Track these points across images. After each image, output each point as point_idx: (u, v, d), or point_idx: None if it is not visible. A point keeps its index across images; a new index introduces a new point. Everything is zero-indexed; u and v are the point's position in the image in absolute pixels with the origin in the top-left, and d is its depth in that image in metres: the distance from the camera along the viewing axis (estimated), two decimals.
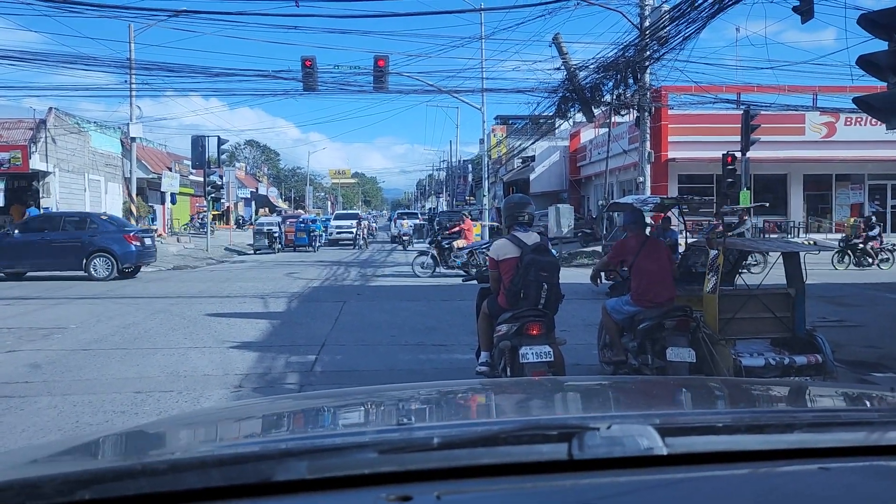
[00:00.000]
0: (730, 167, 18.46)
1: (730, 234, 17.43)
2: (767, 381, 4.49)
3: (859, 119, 26.26)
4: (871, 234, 19.07)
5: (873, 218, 20.92)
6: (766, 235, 26.34)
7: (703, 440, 1.15)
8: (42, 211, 23.83)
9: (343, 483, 1.00)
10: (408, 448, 1.09)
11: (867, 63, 6.17)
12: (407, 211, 51.32)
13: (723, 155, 18.61)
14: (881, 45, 6.24)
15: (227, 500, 0.97)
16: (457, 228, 17.32)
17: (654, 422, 1.14)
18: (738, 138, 18.55)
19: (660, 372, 5.37)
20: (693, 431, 1.18)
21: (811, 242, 19.82)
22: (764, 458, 1.11)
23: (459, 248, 16.47)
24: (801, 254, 5.68)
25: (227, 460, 1.06)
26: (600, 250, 16.97)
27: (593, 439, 1.06)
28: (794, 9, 11.06)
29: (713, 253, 5.70)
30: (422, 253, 17.18)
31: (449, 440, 1.11)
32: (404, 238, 30.87)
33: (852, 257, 18.53)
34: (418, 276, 16.32)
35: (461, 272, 16.05)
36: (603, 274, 6.46)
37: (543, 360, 4.86)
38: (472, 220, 18.82)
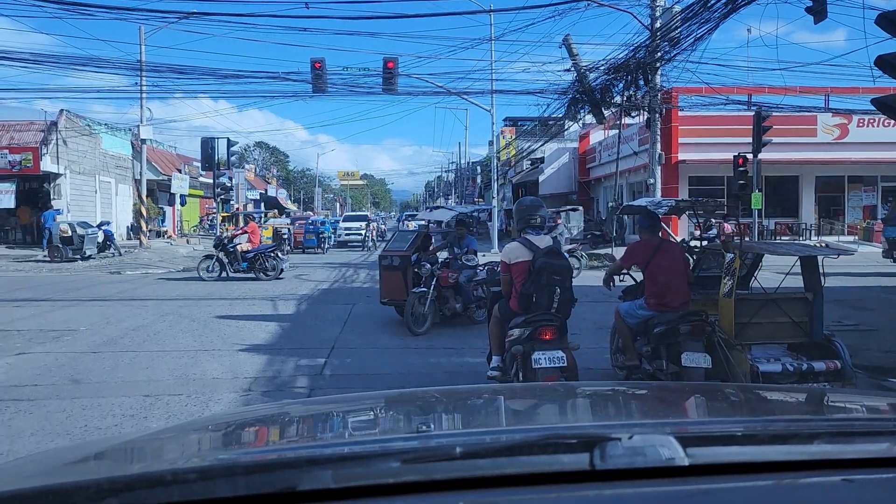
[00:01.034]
0: (741, 169, 18.31)
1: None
2: (787, 387, 4.41)
3: (872, 120, 26.04)
4: (707, 234, 19.01)
5: (711, 220, 20.84)
6: (778, 238, 26.17)
7: (724, 451, 1.14)
8: (55, 213, 23.90)
9: (367, 492, 1.00)
10: (431, 457, 1.09)
11: (886, 63, 6.07)
12: (413, 213, 54.36)
13: (734, 157, 18.47)
14: None
15: None
16: (240, 232, 17.11)
17: (675, 432, 1.13)
18: (750, 140, 18.39)
19: (674, 377, 5.28)
20: (715, 441, 1.18)
21: (823, 245, 19.67)
22: (786, 468, 1.10)
23: (244, 252, 16.26)
24: (819, 258, 5.59)
25: (253, 468, 1.07)
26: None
27: (615, 449, 1.06)
28: (808, 9, 10.92)
29: (729, 256, 5.61)
30: (207, 257, 16.85)
31: (471, 450, 1.10)
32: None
33: (691, 259, 18.51)
34: (203, 280, 15.96)
35: (248, 275, 16.11)
36: (616, 277, 6.38)
37: (556, 365, 4.79)
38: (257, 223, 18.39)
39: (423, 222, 37.37)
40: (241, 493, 0.99)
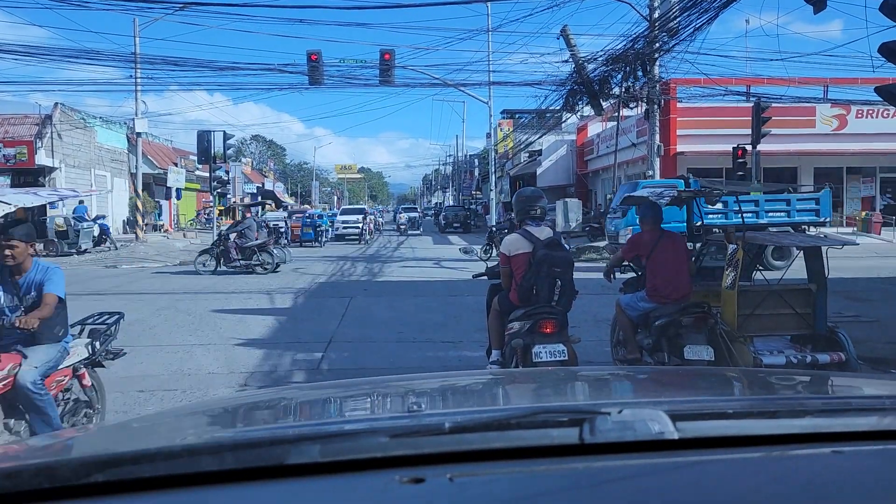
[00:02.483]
0: (740, 160, 18.23)
1: (226, 232, 16.90)
2: (778, 370, 4.36)
3: (871, 111, 25.96)
4: None
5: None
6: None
7: (714, 425, 1.15)
8: (85, 209, 23.68)
9: (356, 466, 1.00)
10: (419, 432, 1.10)
11: (890, 51, 5.98)
12: (408, 206, 59.04)
13: (733, 148, 18.38)
14: None
15: (241, 482, 0.98)
16: None
17: (665, 407, 1.14)
18: (748, 131, 18.29)
19: None
20: (704, 416, 1.19)
21: (822, 236, 19.62)
22: (776, 442, 1.11)
23: None
24: (823, 249, 5.51)
25: (241, 444, 1.08)
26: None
27: (604, 423, 1.06)
28: None
29: (732, 247, 5.53)
30: None
31: (460, 425, 1.10)
32: (401, 227, 37.25)
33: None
34: None
35: None
36: (616, 269, 6.30)
37: (557, 358, 4.71)
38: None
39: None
40: (229, 466, 0.99)
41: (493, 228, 21.87)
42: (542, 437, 1.07)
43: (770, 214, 16.29)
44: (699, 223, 7.04)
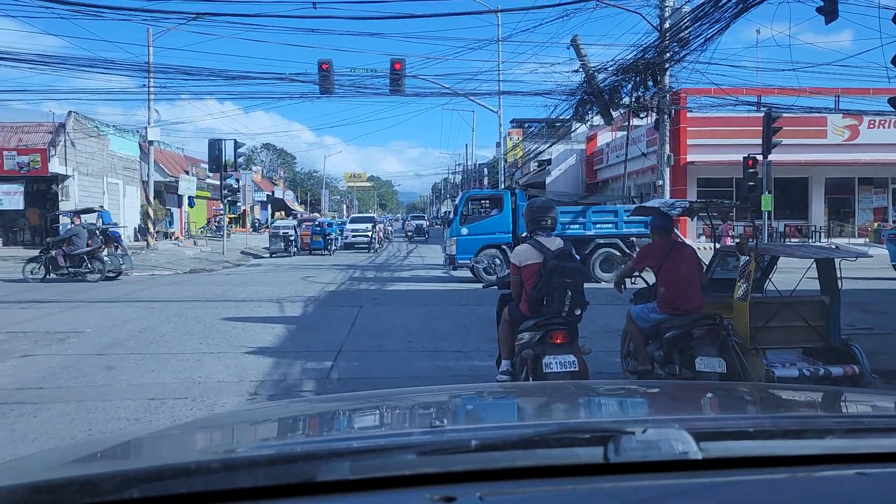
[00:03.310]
0: (751, 170, 18.16)
1: (54, 240, 16.61)
2: (801, 387, 4.32)
3: (883, 121, 25.85)
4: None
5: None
6: (788, 240, 25.96)
7: (738, 445, 1.15)
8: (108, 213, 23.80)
9: (385, 483, 1.01)
10: (447, 450, 1.11)
11: None
12: (416, 214, 61.76)
13: (744, 158, 18.33)
14: None
15: (271, 499, 0.98)
16: None
17: (689, 426, 1.14)
18: (758, 141, 18.24)
19: None
20: (728, 436, 1.19)
21: (833, 247, 19.51)
22: (799, 463, 1.10)
23: None
24: (837, 260, 5.47)
25: (274, 460, 1.09)
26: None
27: (629, 443, 1.07)
28: (818, 9, 10.80)
29: (744, 259, 5.50)
30: None
31: (486, 443, 1.12)
32: (408, 234, 42.11)
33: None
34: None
35: None
36: (627, 280, 6.27)
37: (567, 369, 4.69)
38: None
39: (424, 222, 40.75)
40: (262, 483, 1.00)
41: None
42: (568, 455, 1.08)
43: (598, 226, 16.58)
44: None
